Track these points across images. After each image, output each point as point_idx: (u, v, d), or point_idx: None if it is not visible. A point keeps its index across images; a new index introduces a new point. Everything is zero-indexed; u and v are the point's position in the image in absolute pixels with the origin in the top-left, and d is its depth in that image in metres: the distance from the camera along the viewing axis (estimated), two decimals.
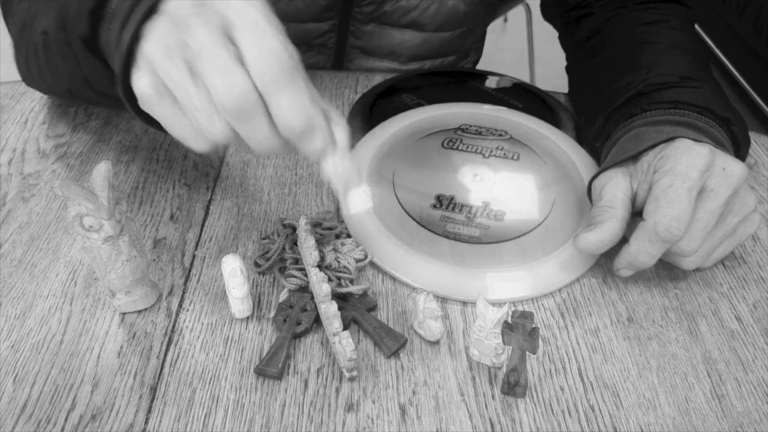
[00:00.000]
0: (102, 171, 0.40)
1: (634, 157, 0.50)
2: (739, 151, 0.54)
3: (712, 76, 0.58)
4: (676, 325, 0.47)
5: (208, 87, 0.36)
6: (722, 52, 1.92)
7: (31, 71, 0.59)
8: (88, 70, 0.50)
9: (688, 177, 0.45)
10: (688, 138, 0.48)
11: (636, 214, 0.49)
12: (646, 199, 0.47)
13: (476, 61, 0.88)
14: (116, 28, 0.42)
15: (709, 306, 0.48)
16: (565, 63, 0.73)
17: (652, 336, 0.46)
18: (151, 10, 0.38)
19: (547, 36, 0.91)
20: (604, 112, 0.58)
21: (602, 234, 0.47)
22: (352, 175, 0.40)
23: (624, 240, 0.48)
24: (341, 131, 0.40)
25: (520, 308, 0.48)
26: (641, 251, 0.46)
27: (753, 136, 0.65)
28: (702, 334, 0.46)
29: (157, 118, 0.39)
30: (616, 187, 0.49)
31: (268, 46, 0.35)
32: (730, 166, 0.46)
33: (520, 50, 1.96)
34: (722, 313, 0.48)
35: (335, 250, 0.50)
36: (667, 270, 0.50)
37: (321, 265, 0.48)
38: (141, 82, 0.38)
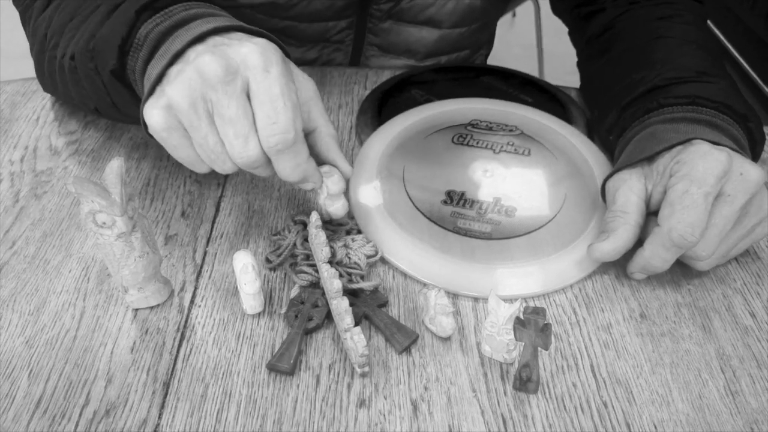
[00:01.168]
0: (115, 168, 0.41)
1: (650, 158, 0.49)
2: (755, 148, 0.53)
3: (726, 72, 0.58)
4: (690, 321, 0.47)
5: (225, 143, 0.43)
6: (733, 46, 1.90)
7: (56, 87, 0.60)
8: (116, 97, 0.52)
9: (704, 183, 0.44)
10: (706, 140, 0.47)
11: (651, 214, 0.49)
12: (661, 203, 0.47)
13: (487, 54, 0.88)
14: (143, 58, 0.46)
15: (723, 302, 0.48)
16: (573, 58, 0.73)
17: (665, 332, 0.46)
18: (177, 56, 0.44)
19: (556, 31, 0.90)
20: (617, 105, 0.57)
21: (615, 243, 0.47)
22: (338, 210, 0.50)
23: (638, 243, 0.48)
24: (337, 181, 0.49)
25: (531, 304, 0.47)
26: (655, 256, 0.46)
27: (765, 130, 0.64)
28: (715, 330, 0.46)
29: (164, 144, 0.45)
30: (629, 190, 0.48)
31: (277, 121, 0.42)
32: (747, 171, 0.45)
33: (529, 45, 1.95)
34: (736, 309, 0.47)
35: (346, 246, 0.50)
36: (680, 266, 0.50)
37: (332, 261, 0.48)
38: (156, 117, 0.43)
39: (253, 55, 0.42)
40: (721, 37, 1.93)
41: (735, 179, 0.45)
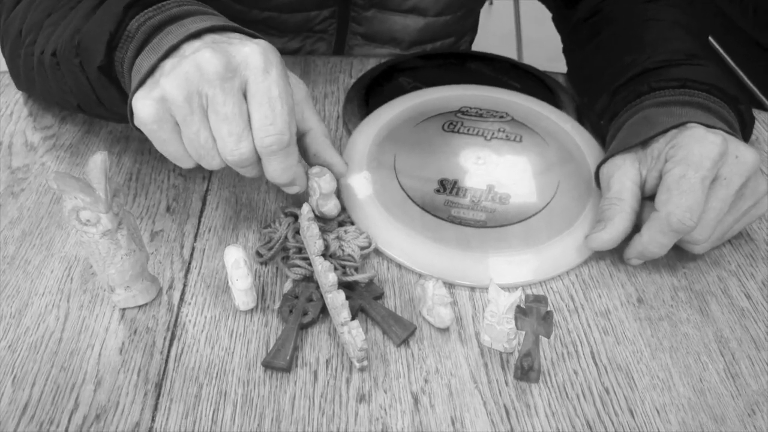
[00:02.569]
0: (98, 162, 0.39)
1: (644, 142, 0.49)
2: (745, 129, 0.53)
3: (710, 54, 0.58)
4: (687, 304, 0.46)
5: (217, 139, 0.43)
6: (711, 33, 1.91)
7: (32, 85, 0.57)
8: (103, 94, 0.51)
9: (701, 167, 0.44)
10: (700, 123, 0.47)
11: (646, 199, 0.49)
12: (658, 188, 0.46)
13: (471, 41, 0.87)
14: (133, 50, 0.45)
15: (719, 285, 0.48)
16: (553, 44, 0.72)
17: (663, 316, 0.45)
18: (172, 50, 0.43)
19: (535, 17, 0.90)
20: (608, 89, 0.57)
21: (612, 232, 0.47)
22: (331, 210, 0.49)
23: (635, 229, 0.47)
24: (329, 180, 0.48)
25: (527, 292, 0.47)
26: (653, 242, 0.46)
27: (754, 113, 0.64)
28: (713, 313, 0.46)
29: (151, 137, 0.43)
30: (624, 176, 0.48)
31: (274, 122, 0.42)
32: (742, 154, 0.45)
33: (507, 33, 1.94)
34: (731, 291, 0.47)
35: (339, 238, 0.48)
36: (675, 249, 0.50)
37: (325, 254, 0.47)
38: (147, 109, 0.42)
39: (254, 56, 0.42)
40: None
41: (731, 162, 0.45)
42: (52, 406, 0.40)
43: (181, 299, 0.46)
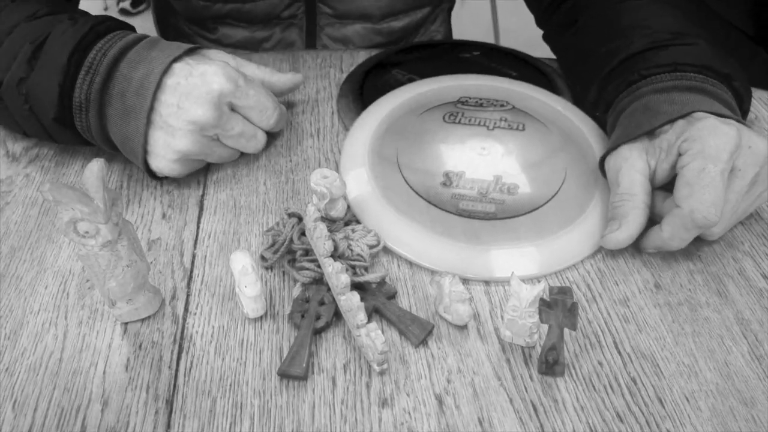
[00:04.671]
0: (95, 170, 0.37)
1: (650, 132, 0.47)
2: (743, 105, 0.52)
3: (700, 26, 0.56)
4: (704, 287, 0.46)
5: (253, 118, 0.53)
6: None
7: None
8: (59, 137, 0.53)
9: (719, 159, 0.43)
10: (705, 111, 0.46)
11: (656, 190, 0.48)
12: (676, 183, 0.45)
13: (450, 8, 0.86)
14: (97, 85, 0.48)
15: (734, 266, 0.47)
16: (532, 32, 0.70)
17: (683, 301, 0.45)
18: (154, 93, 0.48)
19: (512, 5, 0.88)
20: (596, 79, 0.55)
21: (629, 230, 0.46)
22: (339, 212, 0.48)
23: (650, 222, 0.47)
24: (339, 186, 0.47)
25: (542, 283, 0.46)
26: (675, 237, 0.45)
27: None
28: (731, 294, 0.45)
29: (197, 155, 0.51)
30: (632, 169, 0.47)
31: (269, 117, 0.54)
32: (755, 144, 0.44)
33: (482, 23, 1.93)
34: (748, 272, 0.47)
35: (347, 237, 0.47)
36: None
37: (334, 255, 0.45)
38: (175, 166, 0.50)
39: (217, 77, 0.49)
40: None
41: (745, 153, 0.44)
42: (58, 430, 0.37)
43: (186, 310, 0.44)
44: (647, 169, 0.47)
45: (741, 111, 0.52)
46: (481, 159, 0.52)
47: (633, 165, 0.47)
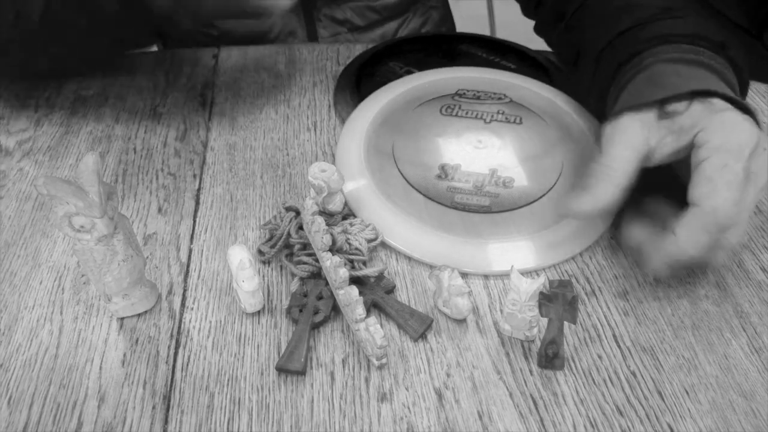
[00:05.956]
0: (90, 164, 0.36)
1: (660, 106, 0.44)
2: (742, 75, 0.48)
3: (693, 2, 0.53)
4: (703, 280, 0.46)
5: None
6: None
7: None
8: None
9: (741, 156, 0.40)
10: (720, 96, 0.43)
11: (649, 171, 0.45)
12: (693, 177, 0.41)
13: None
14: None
15: (733, 258, 0.47)
16: (526, 25, 0.69)
17: (682, 294, 0.45)
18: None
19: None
20: (589, 64, 0.52)
21: (593, 199, 0.42)
22: (336, 206, 0.47)
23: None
24: (337, 179, 0.46)
25: (541, 277, 0.46)
26: (691, 241, 0.40)
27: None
28: (730, 287, 0.45)
29: None
30: (625, 143, 0.43)
31: None
32: None
33: (478, 16, 1.93)
34: (747, 264, 0.47)
35: (345, 231, 0.46)
36: None
37: (332, 249, 0.45)
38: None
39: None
40: None
41: (760, 155, 0.41)
42: (54, 426, 0.37)
43: (183, 305, 0.44)
44: (644, 146, 0.43)
45: (741, 82, 0.49)
46: (478, 152, 0.52)
47: (628, 139, 0.43)
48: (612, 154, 0.43)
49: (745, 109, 0.43)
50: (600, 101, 0.53)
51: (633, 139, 0.43)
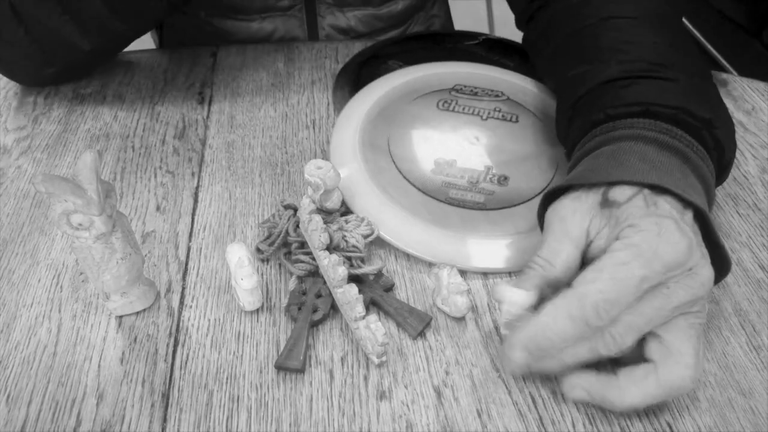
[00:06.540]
0: (88, 162, 0.36)
1: (606, 186, 0.39)
2: (724, 156, 0.43)
3: (687, 46, 0.49)
4: None
5: None
6: (702, 33, 1.88)
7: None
8: None
9: (650, 267, 0.35)
10: (675, 196, 0.38)
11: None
12: (590, 264, 0.36)
13: None
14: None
15: (732, 257, 0.47)
16: None
17: None
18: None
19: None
20: (565, 110, 0.48)
21: (524, 297, 0.38)
22: (334, 204, 0.46)
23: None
24: (333, 177, 0.45)
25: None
26: (553, 327, 0.35)
27: (747, 82, 0.64)
28: (729, 285, 0.45)
29: None
30: (564, 236, 0.38)
31: None
32: (699, 270, 0.36)
33: (478, 17, 1.93)
34: (746, 263, 0.47)
35: (341, 228, 0.46)
36: None
37: (329, 247, 0.45)
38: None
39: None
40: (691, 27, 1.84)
41: (683, 274, 0.35)
42: (52, 424, 0.37)
43: (181, 303, 0.44)
44: (583, 239, 0.38)
45: (722, 162, 0.44)
46: (473, 148, 0.52)
47: (568, 231, 0.38)
48: (551, 248, 0.39)
49: (700, 215, 0.38)
50: (570, 152, 0.48)
51: (572, 231, 0.39)
